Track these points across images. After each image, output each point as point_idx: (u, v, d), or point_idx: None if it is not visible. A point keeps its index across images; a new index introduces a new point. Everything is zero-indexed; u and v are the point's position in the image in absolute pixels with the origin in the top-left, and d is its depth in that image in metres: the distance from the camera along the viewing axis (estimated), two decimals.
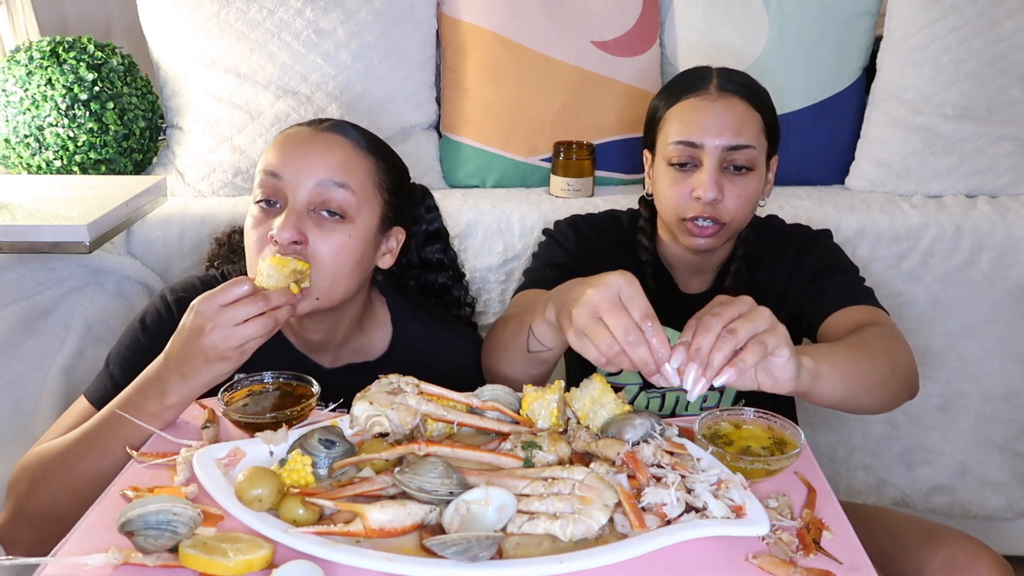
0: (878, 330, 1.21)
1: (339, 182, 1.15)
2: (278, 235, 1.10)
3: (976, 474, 1.89)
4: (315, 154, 1.15)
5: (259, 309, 1.02)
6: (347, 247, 1.15)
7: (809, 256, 1.39)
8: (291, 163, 1.15)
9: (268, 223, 1.14)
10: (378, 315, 1.33)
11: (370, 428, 0.98)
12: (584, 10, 1.94)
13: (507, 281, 1.78)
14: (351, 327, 1.27)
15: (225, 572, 0.80)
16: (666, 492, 0.89)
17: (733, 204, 1.30)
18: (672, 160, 1.32)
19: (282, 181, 1.14)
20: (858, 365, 1.10)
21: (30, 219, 1.51)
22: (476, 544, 0.80)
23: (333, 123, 1.21)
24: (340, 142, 1.18)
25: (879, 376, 1.13)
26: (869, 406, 1.15)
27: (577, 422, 1.05)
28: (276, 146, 1.18)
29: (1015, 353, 1.82)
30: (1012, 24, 1.84)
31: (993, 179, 1.86)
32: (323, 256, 1.13)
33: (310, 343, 1.27)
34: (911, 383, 1.21)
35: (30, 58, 1.80)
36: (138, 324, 1.25)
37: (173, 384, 1.04)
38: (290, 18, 1.88)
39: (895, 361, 1.17)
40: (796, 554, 0.86)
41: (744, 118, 1.30)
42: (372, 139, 1.23)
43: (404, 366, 1.24)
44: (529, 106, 1.93)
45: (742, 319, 0.92)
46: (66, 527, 1.02)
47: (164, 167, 1.96)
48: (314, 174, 1.14)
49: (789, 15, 1.93)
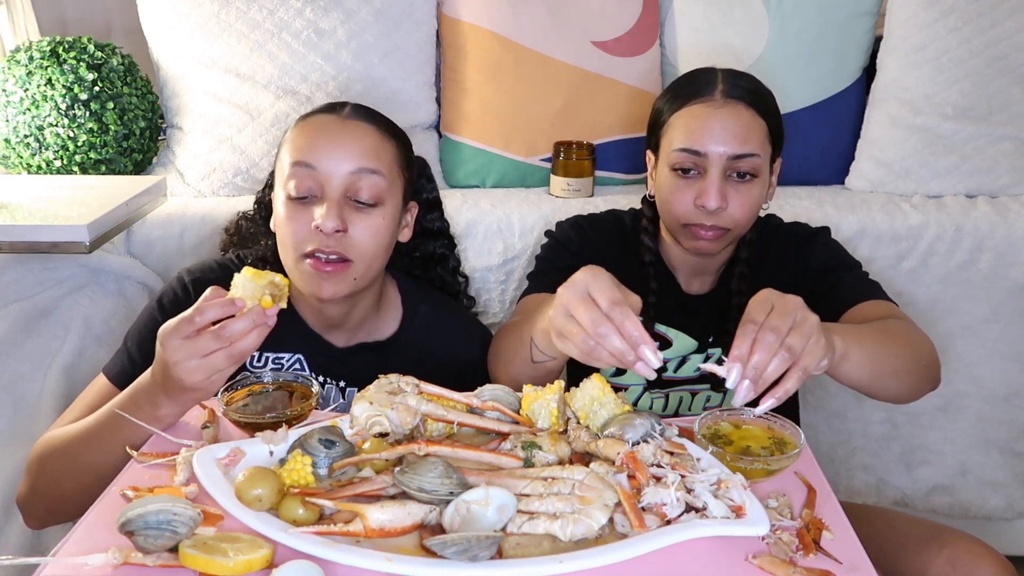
0: (900, 322, 1.22)
1: (372, 168, 1.19)
2: (323, 225, 1.15)
3: (976, 474, 1.89)
4: (348, 143, 1.20)
5: (222, 343, 0.99)
6: (382, 229, 1.21)
7: (813, 255, 1.39)
8: (324, 154, 1.18)
9: (307, 213, 1.17)
10: (390, 296, 1.37)
11: (370, 428, 0.98)
12: (584, 10, 1.94)
13: (507, 281, 1.78)
14: (369, 306, 1.31)
15: (225, 572, 0.80)
16: (666, 492, 0.89)
17: (737, 212, 1.29)
18: (676, 166, 1.30)
19: (317, 171, 1.18)
20: (886, 349, 1.11)
21: (30, 219, 1.51)
22: (476, 544, 0.80)
23: (352, 108, 1.25)
24: (366, 129, 1.22)
25: (905, 362, 1.14)
26: (893, 392, 1.16)
27: (577, 422, 1.05)
28: (304, 136, 1.21)
29: (1015, 353, 1.82)
30: (1012, 24, 1.84)
31: (993, 179, 1.86)
32: (363, 241, 1.19)
33: (326, 322, 1.30)
34: (934, 373, 1.22)
35: (30, 58, 1.80)
36: (155, 304, 1.28)
37: (161, 400, 1.04)
38: (290, 18, 1.88)
39: (919, 349, 1.19)
40: (796, 554, 0.86)
41: (749, 126, 1.28)
42: (387, 121, 1.28)
43: (413, 347, 1.32)
44: (529, 106, 1.93)
45: (796, 332, 0.94)
46: (69, 508, 1.10)
47: (164, 167, 1.96)
48: (349, 163, 1.18)
49: (789, 15, 1.93)
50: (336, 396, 1.32)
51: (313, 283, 1.18)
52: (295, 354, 1.30)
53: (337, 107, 1.25)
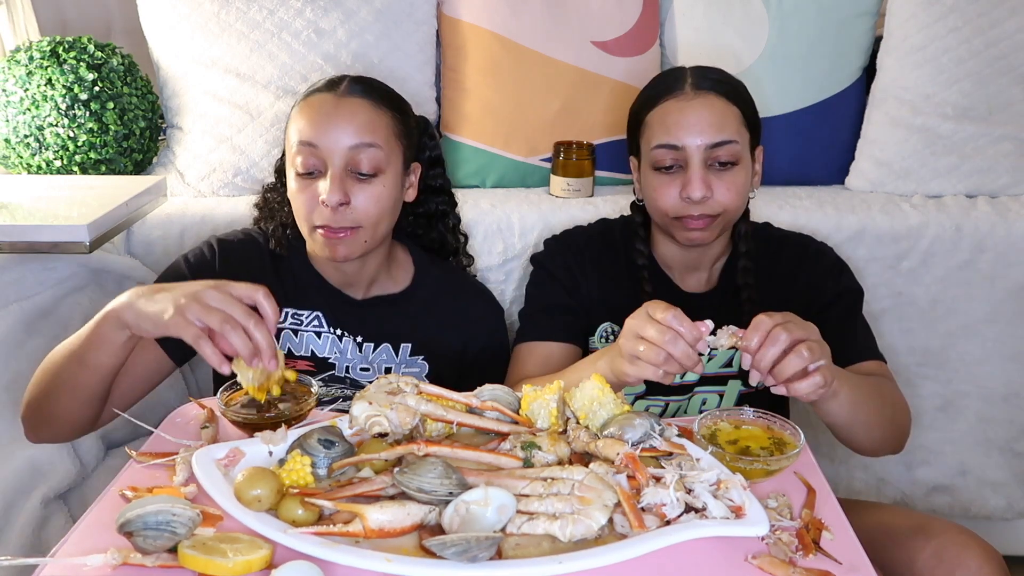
0: (888, 383, 1.32)
1: (369, 142, 1.30)
2: (328, 199, 1.27)
3: (976, 474, 1.89)
4: (344, 120, 1.29)
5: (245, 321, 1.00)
6: (384, 196, 1.31)
7: (830, 285, 1.40)
8: (324, 132, 1.29)
9: (312, 188, 1.29)
10: (400, 258, 1.48)
11: (369, 428, 0.98)
12: (584, 10, 1.94)
13: (507, 281, 1.79)
14: (380, 261, 1.42)
15: (224, 572, 0.80)
16: (665, 492, 0.89)
17: (724, 197, 1.31)
18: (657, 164, 1.33)
19: (319, 149, 1.29)
20: (871, 402, 1.21)
21: (30, 219, 1.51)
22: (476, 544, 0.80)
23: (348, 84, 1.34)
24: (361, 104, 1.32)
25: (880, 419, 1.25)
26: (860, 441, 1.26)
27: (577, 422, 1.05)
28: (305, 117, 1.31)
29: (1015, 353, 1.82)
30: (1012, 24, 1.84)
31: (993, 179, 1.86)
32: (366, 209, 1.30)
33: (344, 277, 1.41)
34: (900, 437, 1.32)
35: (30, 58, 1.80)
36: (182, 260, 1.38)
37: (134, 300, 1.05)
38: (290, 18, 1.88)
39: (896, 413, 1.29)
40: (796, 554, 0.86)
41: (723, 114, 1.31)
42: (383, 90, 1.37)
43: (425, 300, 1.47)
44: (529, 106, 1.93)
45: (819, 346, 1.06)
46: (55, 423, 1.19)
47: (164, 167, 1.96)
48: (346, 139, 1.29)
49: (789, 15, 1.92)
50: (353, 350, 1.41)
51: (328, 248, 1.31)
52: (314, 311, 1.41)
53: (335, 83, 1.34)
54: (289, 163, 1.33)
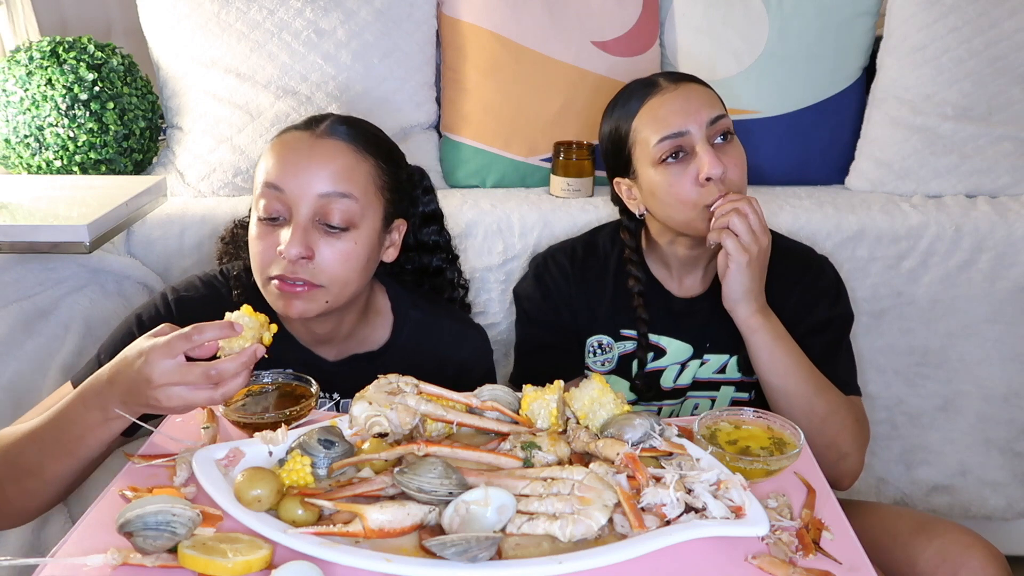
0: (845, 401, 1.32)
1: (342, 192, 1.15)
2: (287, 252, 1.12)
3: (976, 474, 1.89)
4: (316, 165, 1.15)
5: (211, 381, 0.96)
6: (353, 254, 1.16)
7: (824, 306, 1.41)
8: (292, 176, 1.14)
9: (274, 235, 1.15)
10: (379, 305, 1.34)
11: (369, 428, 0.98)
12: (584, 10, 1.94)
13: (507, 281, 1.78)
14: (356, 320, 1.29)
15: (224, 573, 0.80)
16: (665, 492, 0.89)
17: (734, 173, 1.31)
18: (663, 157, 1.30)
19: (285, 194, 1.14)
20: (800, 374, 1.28)
21: (30, 219, 1.51)
22: (475, 545, 0.80)
23: (330, 125, 1.20)
24: (340, 148, 1.17)
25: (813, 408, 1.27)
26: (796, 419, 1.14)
27: (577, 422, 1.05)
28: (275, 156, 1.17)
29: (1015, 353, 1.82)
30: (1012, 24, 1.84)
31: (993, 179, 1.86)
32: (331, 266, 1.14)
33: (315, 337, 1.27)
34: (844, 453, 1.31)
35: (30, 58, 1.80)
36: (134, 319, 1.24)
37: (114, 406, 0.99)
38: (290, 18, 1.88)
39: (843, 428, 1.30)
40: (796, 554, 0.86)
41: (708, 94, 1.34)
42: (369, 136, 1.23)
43: (406, 353, 1.29)
44: (529, 106, 1.93)
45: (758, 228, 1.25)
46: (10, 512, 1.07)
47: (164, 167, 1.96)
48: (317, 186, 1.14)
49: (789, 15, 1.92)
50: (331, 409, 1.28)
51: (281, 303, 1.16)
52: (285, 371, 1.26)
53: (314, 123, 1.20)
54: (253, 204, 1.18)
